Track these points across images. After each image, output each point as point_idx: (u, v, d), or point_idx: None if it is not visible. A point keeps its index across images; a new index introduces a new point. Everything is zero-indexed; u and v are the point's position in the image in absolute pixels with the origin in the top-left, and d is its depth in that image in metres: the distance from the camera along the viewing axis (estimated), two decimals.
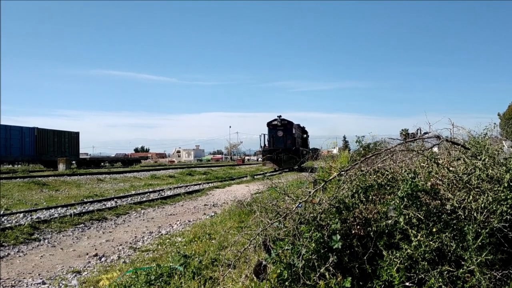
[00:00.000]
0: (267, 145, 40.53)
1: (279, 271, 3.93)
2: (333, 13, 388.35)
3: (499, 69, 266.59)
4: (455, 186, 4.11)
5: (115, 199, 15.31)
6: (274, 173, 34.50)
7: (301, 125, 50.52)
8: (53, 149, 43.66)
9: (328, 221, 4.06)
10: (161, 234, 9.34)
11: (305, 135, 52.61)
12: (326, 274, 3.74)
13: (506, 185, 3.70)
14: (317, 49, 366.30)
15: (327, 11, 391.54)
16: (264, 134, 40.89)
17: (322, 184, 4.54)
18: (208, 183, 24.66)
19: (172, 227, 10.30)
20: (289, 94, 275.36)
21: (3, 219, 10.69)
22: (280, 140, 39.81)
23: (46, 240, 8.82)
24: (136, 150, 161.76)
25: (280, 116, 40.29)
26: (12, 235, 8.81)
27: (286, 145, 39.46)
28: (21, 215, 11.32)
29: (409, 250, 3.64)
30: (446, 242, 3.63)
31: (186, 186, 22.23)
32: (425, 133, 5.63)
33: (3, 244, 8.36)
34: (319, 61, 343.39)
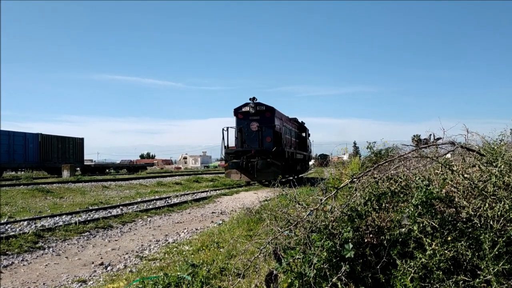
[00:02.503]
0: (234, 145, 28.42)
1: (290, 280, 3.94)
2: (342, 16, 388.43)
3: None
4: (470, 194, 4.10)
5: (120, 207, 15.37)
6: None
7: (298, 119, 38.99)
8: (57, 156, 43.90)
9: (340, 230, 4.06)
10: (168, 243, 9.36)
11: (303, 134, 40.79)
12: (338, 284, 3.74)
13: None
14: (325, 53, 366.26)
15: (337, 15, 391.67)
16: (228, 128, 28.07)
17: (334, 191, 4.55)
18: (215, 190, 24.70)
19: (179, 235, 10.32)
20: (297, 99, 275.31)
21: (6, 227, 10.75)
22: (253, 136, 27.38)
23: (51, 249, 8.86)
24: (141, 156, 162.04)
25: (254, 98, 27.67)
26: (16, 244, 8.86)
27: (263, 144, 26.94)
28: (25, 223, 11.39)
29: (423, 259, 3.64)
30: (461, 251, 3.62)
31: (193, 193, 22.28)
32: (438, 138, 5.63)
33: (7, 252, 8.41)
34: (328, 65, 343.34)
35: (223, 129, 27.86)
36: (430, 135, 7.82)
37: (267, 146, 26.90)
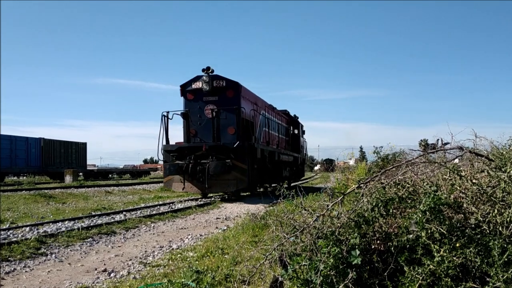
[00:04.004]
0: (182, 140, 20.31)
1: (296, 287, 3.95)
2: (348, 20, 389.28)
3: None
4: (479, 200, 4.11)
5: (124, 212, 15.39)
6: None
7: (289, 113, 31.30)
8: (59, 161, 44.05)
9: (347, 236, 4.07)
10: (172, 249, 9.37)
11: (295, 131, 32.40)
12: None
13: None
14: (333, 57, 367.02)
15: (345, 19, 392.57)
16: (174, 115, 20.11)
17: (340, 197, 4.56)
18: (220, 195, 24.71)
19: (183, 241, 10.33)
20: (303, 103, 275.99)
21: (8, 233, 10.79)
22: (208, 125, 19.47)
23: (53, 255, 8.88)
24: (145, 161, 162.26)
25: (208, 69, 19.43)
26: (18, 250, 8.89)
27: (222, 136, 19.25)
28: (27, 228, 11.42)
29: (431, 266, 3.65)
30: (470, 258, 3.62)
31: (197, 198, 22.29)
32: (446, 143, 5.65)
33: (9, 259, 8.44)
34: (333, 69, 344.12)
35: (162, 115, 19.68)
36: (438, 139, 7.85)
37: (228, 140, 19.02)
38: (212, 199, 20.80)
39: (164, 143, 19.88)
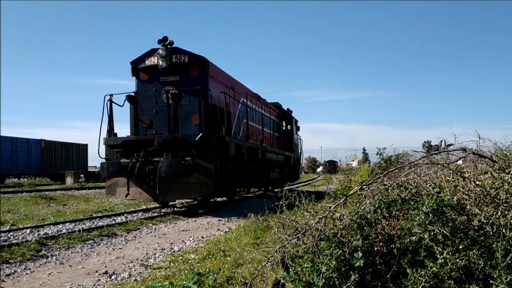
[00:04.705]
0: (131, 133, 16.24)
1: None
2: (350, 20, 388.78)
3: None
4: (482, 201, 4.11)
5: (125, 214, 15.39)
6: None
7: (282, 106, 27.93)
8: (60, 162, 44.11)
9: (350, 238, 4.08)
10: (174, 251, 9.37)
11: (289, 126, 28.75)
12: None
13: None
14: (335, 58, 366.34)
15: (347, 19, 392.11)
16: (125, 101, 15.85)
17: (343, 198, 4.56)
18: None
19: (185, 243, 10.34)
20: (305, 105, 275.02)
21: (9, 235, 10.80)
22: (165, 113, 15.13)
23: (54, 257, 8.89)
24: None
25: (166, 40, 15.00)
26: (18, 252, 8.90)
27: (182, 127, 15.09)
28: (28, 230, 11.44)
29: (434, 268, 3.65)
30: (473, 260, 3.62)
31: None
32: (449, 145, 5.64)
33: (9, 261, 8.44)
34: (335, 70, 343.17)
35: (105, 99, 15.38)
36: (441, 141, 7.83)
37: (190, 131, 14.66)
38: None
39: (107, 135, 15.71)
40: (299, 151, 31.94)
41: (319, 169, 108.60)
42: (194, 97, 14.86)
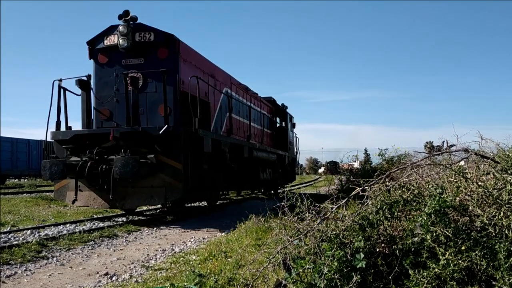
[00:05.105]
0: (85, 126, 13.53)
1: None
2: (350, 20, 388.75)
3: None
4: (484, 202, 4.11)
5: (126, 215, 15.38)
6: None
7: (276, 101, 25.77)
8: None
9: (351, 239, 4.08)
10: (175, 252, 9.38)
11: (283, 123, 26.43)
12: None
13: None
14: (336, 58, 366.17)
15: (348, 19, 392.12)
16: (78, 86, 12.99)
17: (345, 199, 4.56)
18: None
19: (186, 244, 10.34)
20: (305, 105, 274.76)
21: (9, 236, 10.80)
22: (124, 102, 12.35)
23: (55, 258, 8.89)
24: None
25: (127, 15, 12.33)
26: (19, 253, 8.90)
27: (150, 118, 12.79)
28: (28, 231, 11.44)
29: (436, 269, 3.65)
30: (476, 261, 3.62)
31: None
32: (451, 145, 5.65)
33: (10, 262, 8.44)
34: (336, 70, 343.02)
35: (53, 85, 12.91)
36: (443, 141, 7.85)
37: (156, 124, 12.35)
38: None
39: (55, 128, 13.31)
40: (295, 149, 29.24)
41: (320, 170, 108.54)
42: (159, 82, 12.33)
